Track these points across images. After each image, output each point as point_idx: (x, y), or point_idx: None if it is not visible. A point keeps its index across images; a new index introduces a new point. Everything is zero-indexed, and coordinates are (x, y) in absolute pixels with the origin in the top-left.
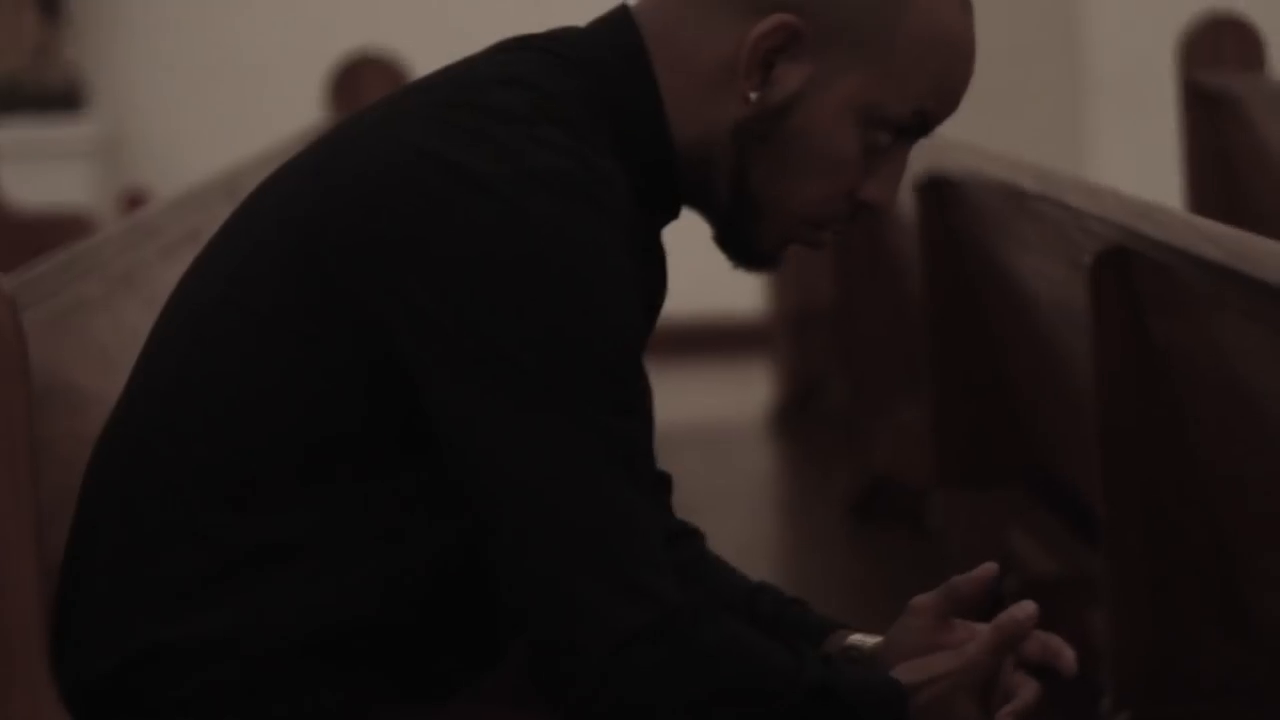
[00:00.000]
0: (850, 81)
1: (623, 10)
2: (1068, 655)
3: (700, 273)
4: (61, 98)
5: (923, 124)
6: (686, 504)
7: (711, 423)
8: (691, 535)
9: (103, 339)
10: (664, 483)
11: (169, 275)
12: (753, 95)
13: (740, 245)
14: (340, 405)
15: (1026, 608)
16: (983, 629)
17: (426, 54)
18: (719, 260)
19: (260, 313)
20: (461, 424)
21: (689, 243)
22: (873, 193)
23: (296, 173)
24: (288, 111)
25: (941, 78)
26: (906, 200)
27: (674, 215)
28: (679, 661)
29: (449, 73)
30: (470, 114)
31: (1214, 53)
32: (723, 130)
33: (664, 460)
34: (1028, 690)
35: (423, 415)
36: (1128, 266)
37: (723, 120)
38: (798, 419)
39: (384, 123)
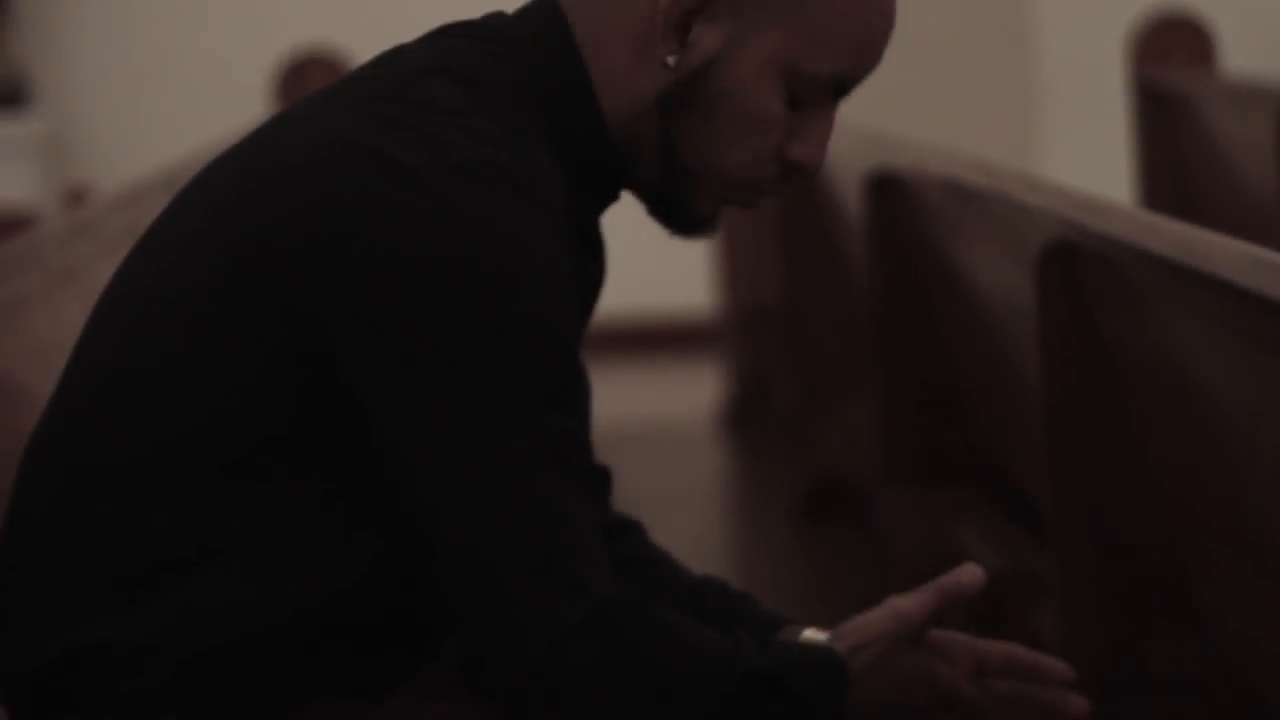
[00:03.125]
0: (768, 38)
1: None
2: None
3: (648, 272)
4: (6, 94)
5: (843, 81)
6: (634, 503)
7: (659, 422)
8: (634, 529)
9: (41, 335)
10: (604, 477)
11: (108, 271)
12: (670, 60)
13: (676, 213)
14: (269, 401)
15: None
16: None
17: (371, 50)
18: (668, 259)
19: (190, 308)
20: (392, 420)
21: (637, 242)
22: (799, 152)
23: (227, 165)
24: (233, 108)
25: (859, 32)
26: (854, 198)
27: (614, 198)
28: (615, 655)
29: (379, 64)
30: (400, 106)
31: (1163, 51)
32: (647, 101)
33: (611, 459)
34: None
35: (353, 411)
36: (1073, 261)
37: (647, 91)
38: (746, 418)
39: (313, 115)
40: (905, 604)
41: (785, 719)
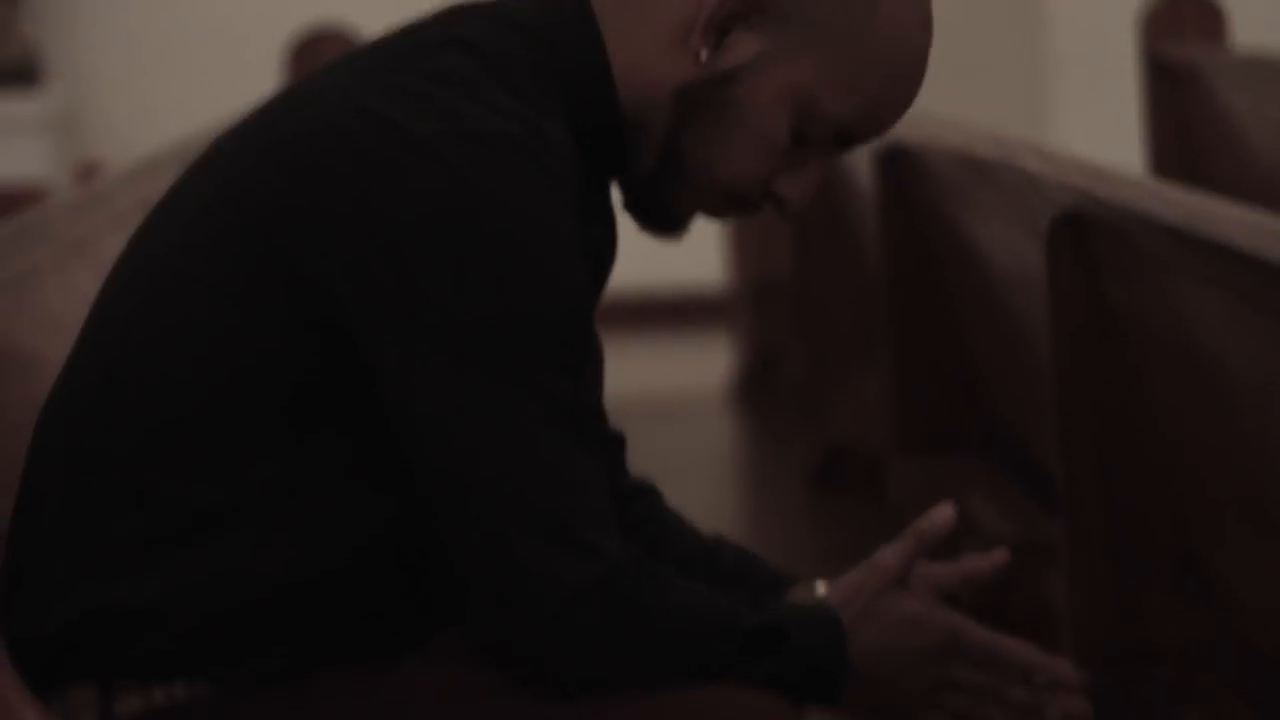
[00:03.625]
0: (798, 67)
1: None
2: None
3: (661, 246)
4: (18, 72)
5: (849, 134)
6: (647, 476)
7: (671, 395)
8: (649, 492)
9: (53, 306)
10: (617, 442)
11: (120, 244)
12: (703, 54)
13: (655, 208)
14: (281, 367)
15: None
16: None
17: (383, 27)
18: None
19: (201, 276)
20: (401, 385)
21: None
22: (786, 188)
23: (239, 136)
24: (245, 85)
25: (885, 89)
26: (865, 171)
27: (621, 173)
28: (621, 618)
29: (392, 37)
30: (412, 77)
31: (1174, 26)
32: (666, 89)
33: (624, 432)
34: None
35: (363, 377)
36: (1084, 231)
37: (667, 79)
38: (757, 390)
39: (326, 85)
40: (884, 555)
41: (788, 675)
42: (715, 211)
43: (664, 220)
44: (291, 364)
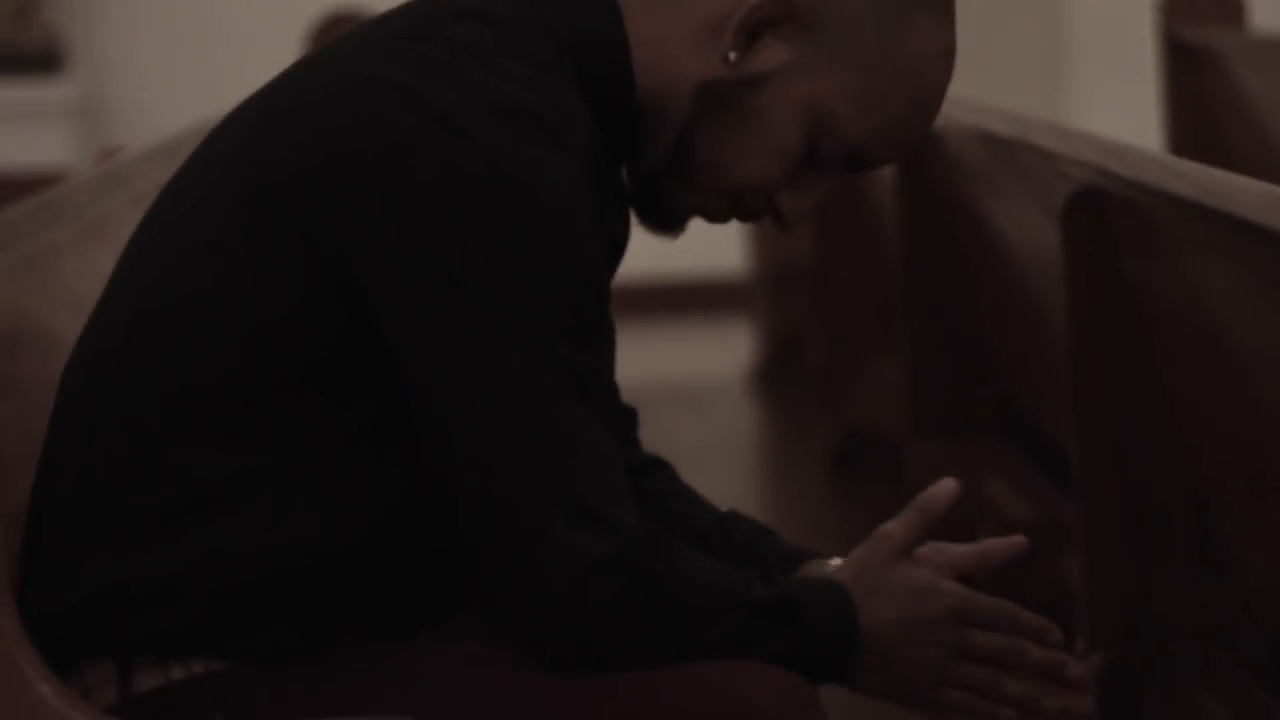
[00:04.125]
0: (822, 82)
1: None
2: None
3: None
4: (40, 59)
5: (859, 157)
6: (663, 457)
7: (692, 381)
8: (661, 466)
9: (73, 285)
10: (630, 417)
11: (138, 224)
12: (732, 56)
13: (657, 201)
14: (300, 336)
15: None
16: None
17: None
18: (699, 220)
19: (220, 244)
20: (416, 355)
21: None
22: (786, 203)
23: (256, 104)
24: (265, 71)
25: (903, 116)
26: None
27: (632, 156)
28: (637, 590)
29: (409, 7)
30: (429, 44)
31: (1193, 8)
32: (687, 84)
33: (644, 418)
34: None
35: (379, 347)
36: (1099, 207)
37: (691, 74)
38: (777, 376)
39: (342, 53)
40: (888, 527)
41: (801, 651)
42: (714, 214)
43: (662, 215)
44: (308, 334)
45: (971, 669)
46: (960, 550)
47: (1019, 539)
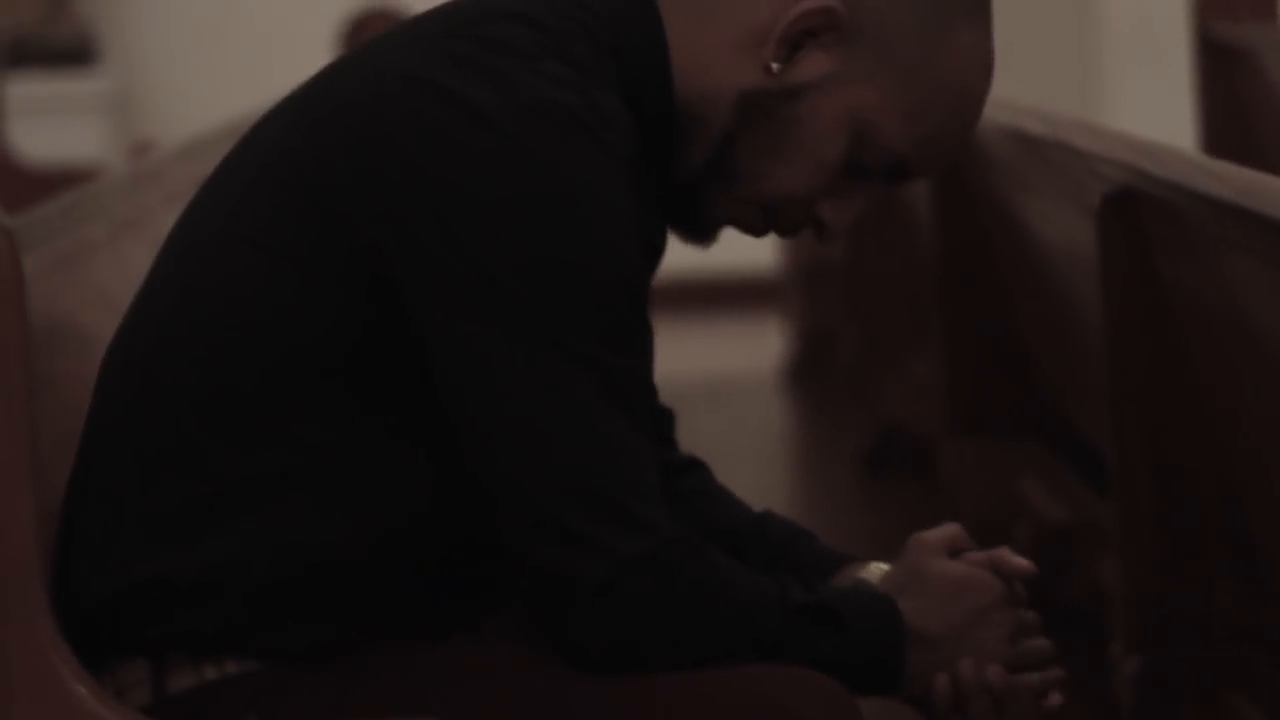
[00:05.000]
0: (863, 91)
1: None
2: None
3: None
4: (73, 53)
5: (900, 167)
6: (696, 453)
7: (725, 377)
8: (698, 466)
9: (106, 281)
10: (667, 417)
11: (172, 221)
12: (774, 66)
13: (693, 211)
14: (337, 334)
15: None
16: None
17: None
18: None
19: (257, 242)
20: (452, 354)
21: None
22: (829, 213)
23: (295, 101)
24: (298, 65)
25: (944, 126)
26: None
27: (670, 159)
28: (670, 591)
29: (450, 7)
30: (470, 44)
31: (1227, 5)
32: (729, 92)
33: (677, 414)
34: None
35: (417, 346)
36: (1135, 208)
37: (732, 83)
38: (809, 373)
39: (382, 52)
40: (924, 534)
41: (843, 658)
42: (751, 226)
43: (696, 224)
44: (346, 331)
45: (1037, 642)
46: (972, 558)
47: (1029, 565)
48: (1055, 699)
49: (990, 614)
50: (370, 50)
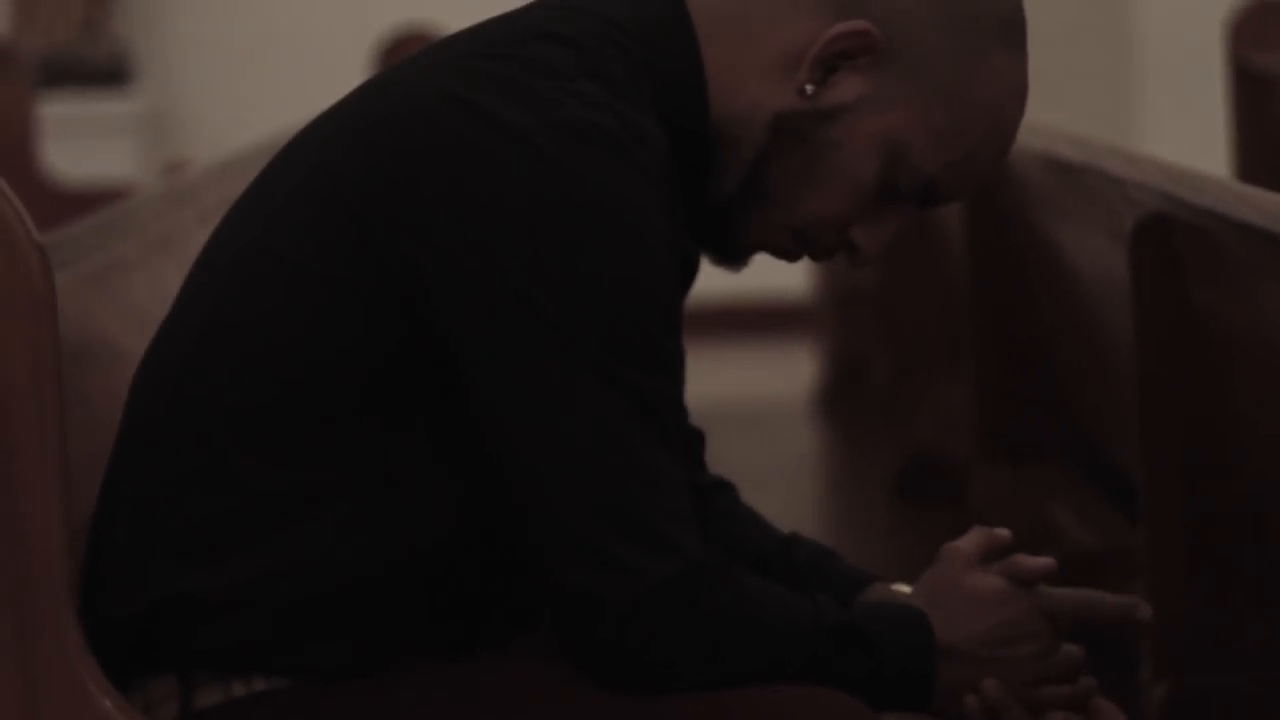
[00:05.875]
0: (897, 115)
1: None
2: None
3: None
4: (108, 73)
5: (933, 190)
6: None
7: (757, 402)
8: (727, 488)
9: (139, 299)
10: (697, 439)
11: (205, 239)
12: (808, 89)
13: (725, 235)
14: (369, 352)
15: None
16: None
17: None
18: None
19: (291, 258)
20: (482, 371)
21: None
22: (862, 237)
23: (329, 121)
24: (334, 87)
25: (977, 150)
26: None
27: (705, 179)
28: (698, 613)
29: (486, 26)
30: (506, 64)
31: (1262, 33)
32: (763, 114)
33: (709, 438)
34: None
35: (448, 363)
36: (1168, 234)
37: (766, 105)
38: (841, 398)
39: (418, 71)
40: (956, 544)
41: (870, 665)
42: (783, 250)
43: (729, 247)
44: (376, 348)
45: (1068, 655)
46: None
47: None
48: (1089, 709)
49: (1021, 628)
50: (406, 68)
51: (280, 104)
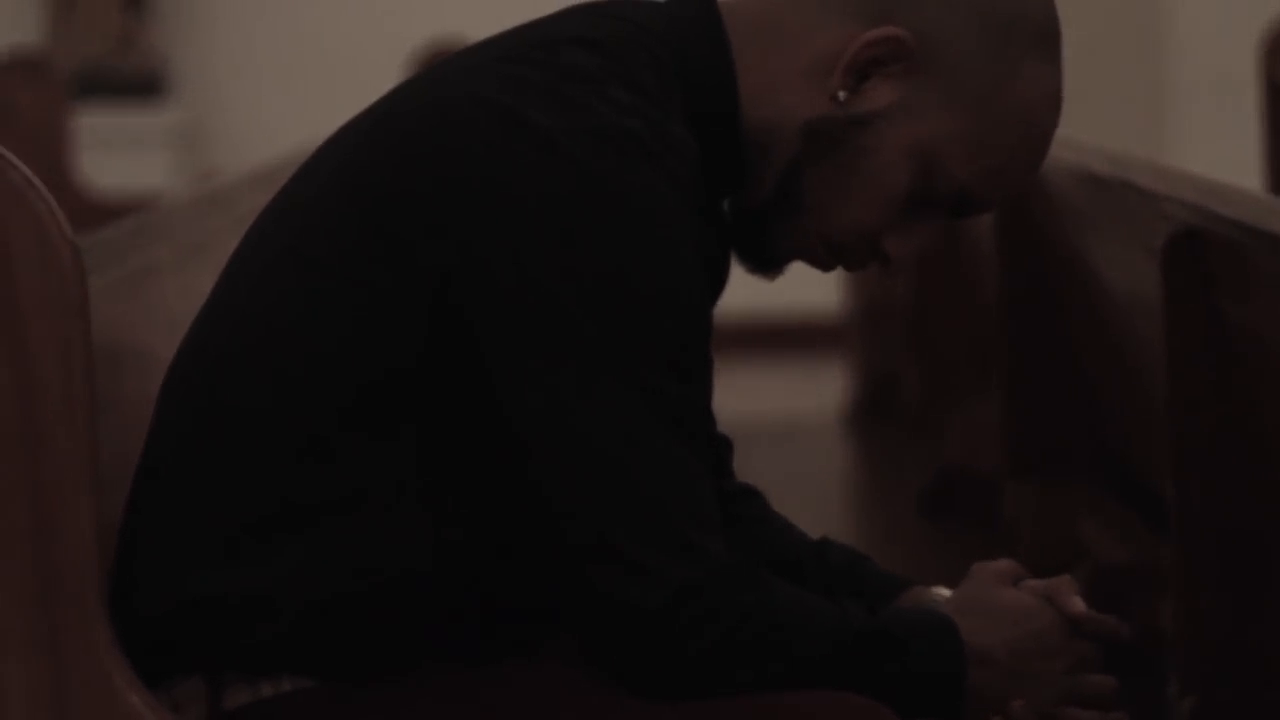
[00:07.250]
0: (930, 122)
1: None
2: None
3: None
4: (144, 85)
5: (965, 199)
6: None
7: (787, 418)
8: (754, 495)
9: (172, 304)
10: (725, 446)
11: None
12: (841, 95)
13: (759, 242)
14: (397, 354)
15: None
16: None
17: None
18: None
19: (322, 262)
20: (510, 376)
21: None
22: (894, 246)
23: (360, 126)
24: (366, 100)
25: (1010, 159)
26: None
27: (737, 188)
28: (725, 618)
29: (517, 32)
30: (537, 69)
31: None
32: (795, 121)
33: (737, 453)
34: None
35: (477, 367)
36: (1200, 248)
37: (799, 112)
38: (872, 414)
39: (450, 75)
40: (985, 563)
41: (899, 670)
42: (816, 259)
43: (762, 256)
44: (407, 351)
45: (1098, 678)
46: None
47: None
48: None
49: (1051, 642)
50: (437, 74)
51: (314, 118)
